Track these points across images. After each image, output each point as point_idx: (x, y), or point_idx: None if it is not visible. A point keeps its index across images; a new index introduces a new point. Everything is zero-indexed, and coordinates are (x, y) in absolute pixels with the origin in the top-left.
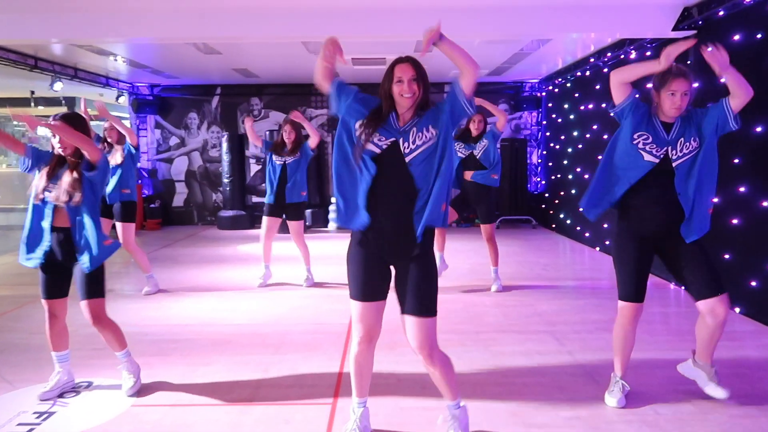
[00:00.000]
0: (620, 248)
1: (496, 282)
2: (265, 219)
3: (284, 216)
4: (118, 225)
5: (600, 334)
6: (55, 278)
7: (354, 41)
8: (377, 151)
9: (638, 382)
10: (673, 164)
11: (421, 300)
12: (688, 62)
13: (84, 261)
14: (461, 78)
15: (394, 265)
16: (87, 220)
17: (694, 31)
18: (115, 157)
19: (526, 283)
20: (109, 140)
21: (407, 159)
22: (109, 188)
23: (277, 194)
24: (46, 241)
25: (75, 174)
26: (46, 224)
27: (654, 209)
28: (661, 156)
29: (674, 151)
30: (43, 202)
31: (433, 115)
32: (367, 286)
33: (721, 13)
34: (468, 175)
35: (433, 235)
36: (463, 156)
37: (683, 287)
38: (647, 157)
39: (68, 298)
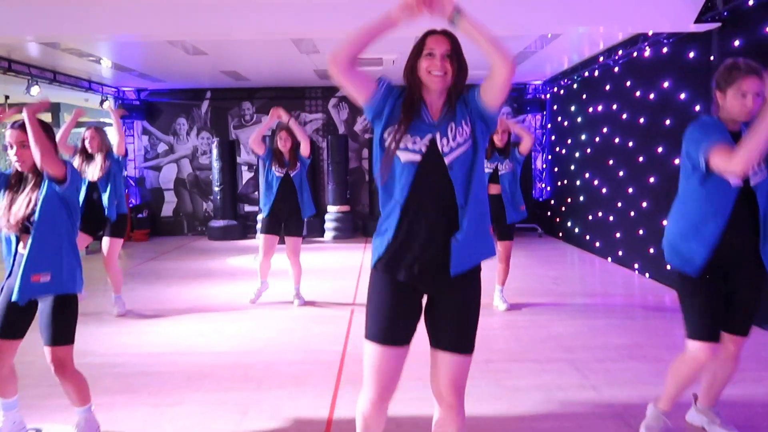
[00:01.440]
0: (691, 281)
1: (503, 300)
2: (263, 237)
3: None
4: (106, 239)
5: (626, 364)
6: (14, 313)
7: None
8: (417, 158)
9: (678, 426)
10: (752, 182)
11: (463, 332)
12: (712, 58)
13: (14, 292)
14: (489, 79)
15: (428, 293)
16: (38, 243)
17: (718, 24)
18: (94, 172)
19: (536, 299)
20: (89, 150)
21: (447, 160)
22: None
23: (272, 209)
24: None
25: (33, 194)
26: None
27: (734, 236)
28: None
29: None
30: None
31: (464, 108)
32: (393, 324)
33: (751, 2)
34: (492, 188)
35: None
36: (489, 171)
37: None
38: (735, 181)
39: (22, 341)
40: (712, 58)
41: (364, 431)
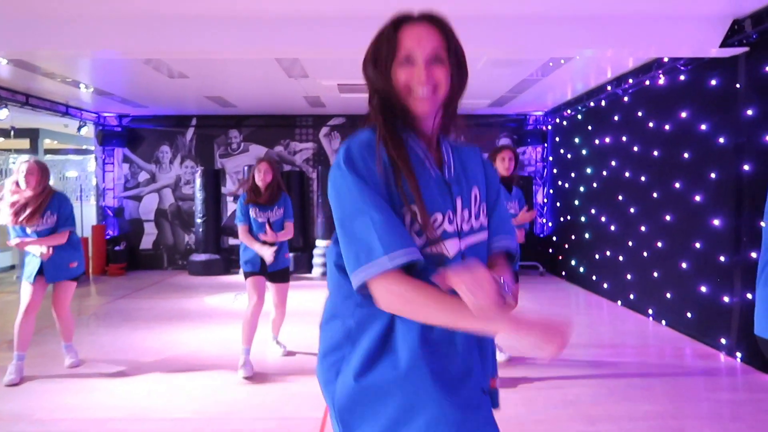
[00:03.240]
0: None
1: (499, 350)
2: (250, 282)
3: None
4: (60, 282)
5: None
6: None
7: (338, 59)
8: (456, 245)
9: None
10: None
11: None
12: (738, 85)
13: None
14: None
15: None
16: None
17: (745, 48)
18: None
19: None
20: (25, 187)
21: (463, 246)
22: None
23: (259, 266)
24: None
25: None
26: None
27: None
28: None
29: None
30: None
31: (477, 166)
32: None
33: None
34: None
35: None
36: None
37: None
38: None
39: None
40: (738, 85)
41: None
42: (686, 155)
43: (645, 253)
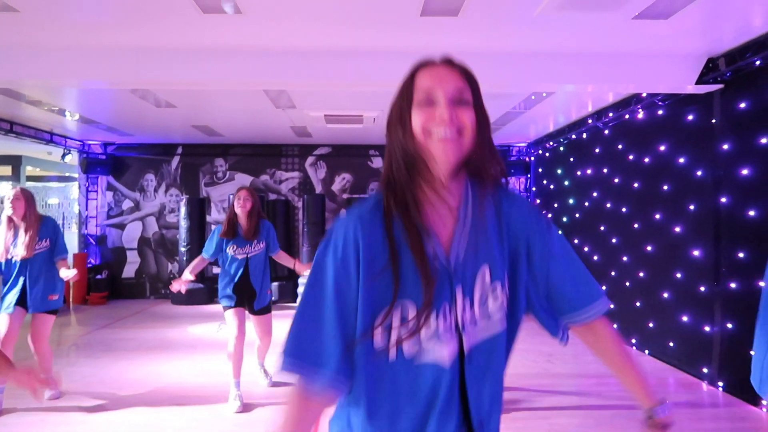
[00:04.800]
0: None
1: None
2: (229, 314)
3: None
4: (39, 314)
5: None
6: None
7: (325, 91)
8: (446, 354)
9: None
10: None
11: None
12: (714, 120)
13: None
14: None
15: None
16: None
17: (720, 85)
18: (20, 250)
19: (531, 382)
20: (14, 216)
21: (466, 345)
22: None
23: (238, 298)
24: None
25: None
26: None
27: None
28: None
29: None
30: None
31: (502, 228)
32: None
33: (758, 62)
34: None
35: None
36: None
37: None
38: None
39: None
40: (714, 120)
41: None
42: (666, 187)
43: (627, 283)
